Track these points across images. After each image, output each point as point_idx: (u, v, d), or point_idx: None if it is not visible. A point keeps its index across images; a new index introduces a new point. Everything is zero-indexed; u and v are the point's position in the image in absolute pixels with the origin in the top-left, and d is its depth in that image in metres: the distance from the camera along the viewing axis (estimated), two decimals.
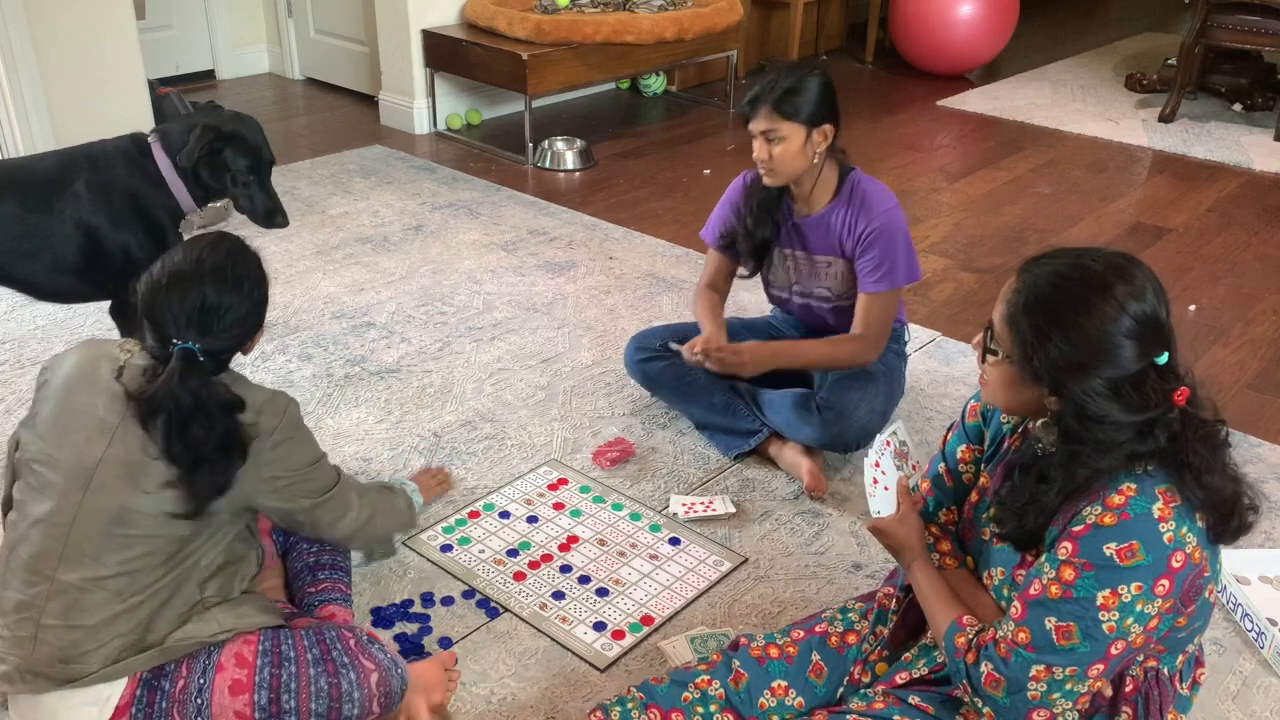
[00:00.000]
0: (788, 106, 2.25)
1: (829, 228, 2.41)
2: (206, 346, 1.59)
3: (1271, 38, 4.93)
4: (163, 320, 1.58)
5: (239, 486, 1.62)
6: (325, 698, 1.63)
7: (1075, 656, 1.33)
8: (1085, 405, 1.32)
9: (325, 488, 1.77)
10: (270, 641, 1.65)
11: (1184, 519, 1.32)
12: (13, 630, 1.58)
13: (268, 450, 1.64)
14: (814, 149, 2.31)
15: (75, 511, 1.56)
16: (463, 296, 3.37)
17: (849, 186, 2.40)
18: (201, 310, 1.58)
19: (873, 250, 2.35)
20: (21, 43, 3.68)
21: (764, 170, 2.35)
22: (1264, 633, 2.02)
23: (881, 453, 1.65)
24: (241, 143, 2.45)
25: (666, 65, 5.16)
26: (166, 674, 1.60)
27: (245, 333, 1.67)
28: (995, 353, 1.41)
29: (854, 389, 2.43)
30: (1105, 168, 4.68)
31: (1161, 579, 1.30)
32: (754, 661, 1.66)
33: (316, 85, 5.61)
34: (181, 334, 1.57)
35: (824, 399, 2.44)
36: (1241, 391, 2.96)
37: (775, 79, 2.27)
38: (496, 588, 2.15)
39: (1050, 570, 1.35)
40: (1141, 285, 1.33)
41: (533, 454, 2.59)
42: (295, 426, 1.70)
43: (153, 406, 1.55)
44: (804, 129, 2.27)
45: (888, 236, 2.35)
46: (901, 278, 2.38)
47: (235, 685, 1.61)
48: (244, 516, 1.73)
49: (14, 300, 3.21)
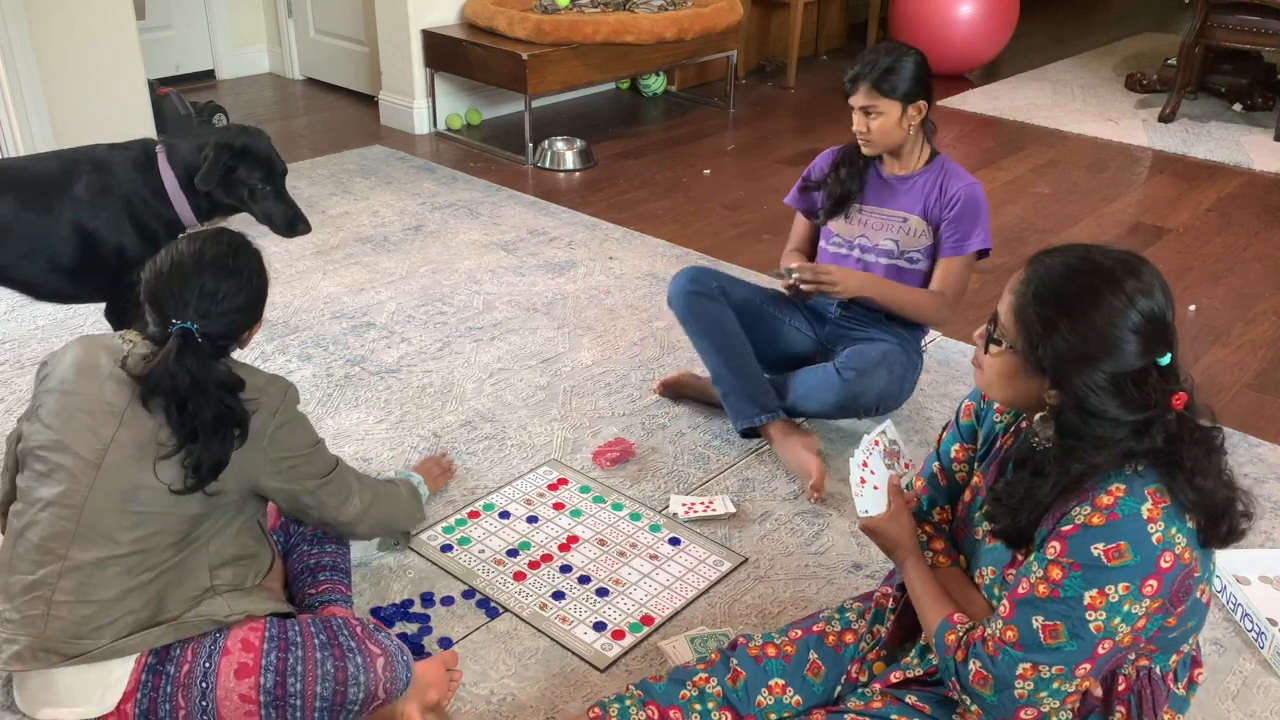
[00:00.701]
0: (886, 85, 2.42)
1: (918, 187, 2.55)
2: (205, 329, 1.64)
3: (1271, 38, 4.93)
4: (165, 303, 1.64)
5: (244, 464, 1.66)
6: (331, 681, 1.64)
7: (1062, 655, 1.34)
8: (1086, 399, 1.33)
9: (327, 469, 1.83)
10: (276, 628, 1.67)
11: (1173, 520, 1.32)
12: (22, 611, 1.60)
13: (271, 430, 1.69)
14: (909, 122, 2.47)
15: (87, 492, 1.59)
16: (463, 296, 3.37)
17: (939, 161, 2.57)
18: (201, 295, 1.64)
19: (957, 212, 2.49)
20: (21, 43, 3.68)
21: (862, 141, 2.52)
22: (1264, 633, 2.02)
23: (869, 452, 1.65)
24: (254, 157, 2.46)
25: (666, 65, 5.16)
26: (172, 658, 1.62)
27: (243, 321, 1.72)
28: (999, 342, 1.41)
29: (874, 352, 2.51)
30: (1105, 168, 4.68)
31: (1149, 579, 1.30)
32: (751, 660, 1.66)
33: (316, 85, 5.61)
34: (181, 315, 1.63)
35: (843, 362, 2.51)
36: (1241, 391, 2.96)
37: (875, 58, 2.44)
38: (496, 588, 2.15)
39: (1038, 569, 1.35)
40: (1150, 283, 1.34)
41: (533, 454, 2.59)
42: (295, 409, 1.76)
43: (151, 384, 1.60)
44: (900, 105, 2.44)
45: (974, 203, 2.49)
46: (976, 243, 2.51)
47: (241, 669, 1.63)
48: (252, 505, 1.77)
49: (14, 300, 3.21)
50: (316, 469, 1.81)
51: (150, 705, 1.63)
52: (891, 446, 1.68)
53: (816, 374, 2.55)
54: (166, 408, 1.60)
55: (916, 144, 2.53)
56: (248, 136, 2.48)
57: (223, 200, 2.47)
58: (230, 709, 1.63)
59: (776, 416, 2.54)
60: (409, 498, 2.14)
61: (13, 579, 1.62)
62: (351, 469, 1.92)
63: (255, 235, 1.87)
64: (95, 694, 1.62)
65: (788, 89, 5.75)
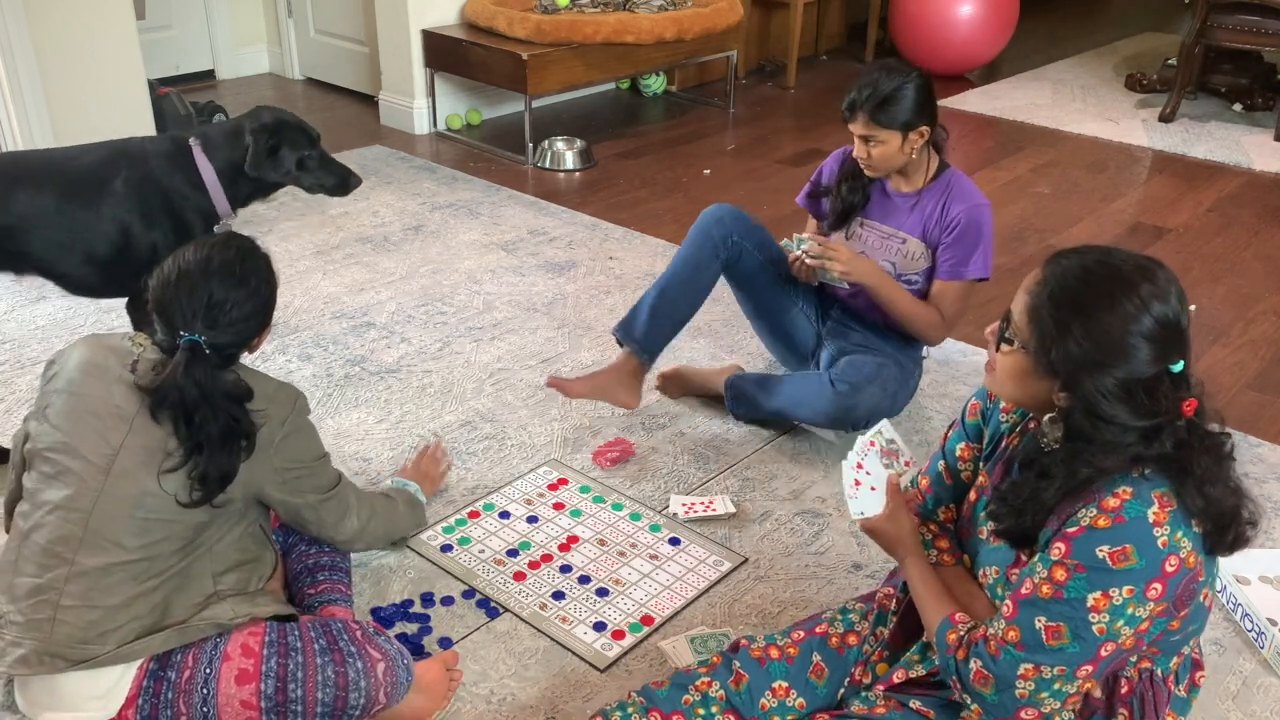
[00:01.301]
0: (883, 115, 2.34)
1: (920, 207, 2.49)
2: (213, 340, 1.63)
3: (1271, 38, 4.93)
4: (172, 314, 1.63)
5: (251, 473, 1.66)
6: (331, 686, 1.64)
7: (1064, 656, 1.33)
8: (1096, 404, 1.32)
9: (329, 484, 1.83)
10: (276, 633, 1.67)
11: (1179, 523, 1.31)
12: (27, 615, 1.59)
13: (278, 440, 1.69)
14: (911, 147, 2.40)
15: (96, 497, 1.59)
16: (463, 296, 3.37)
17: (946, 177, 2.50)
18: (209, 305, 1.63)
19: (955, 237, 2.44)
20: (21, 43, 3.68)
21: (864, 166, 2.46)
22: (1264, 633, 2.02)
23: (864, 453, 1.65)
24: (291, 131, 2.50)
25: (666, 65, 5.16)
26: (173, 664, 1.62)
27: (251, 329, 1.71)
28: (1011, 342, 1.41)
29: (869, 367, 2.49)
30: (1105, 168, 4.68)
31: (1154, 583, 1.30)
32: (754, 663, 1.66)
33: (316, 85, 5.61)
34: (189, 326, 1.62)
35: (838, 374, 2.49)
36: (1241, 391, 2.96)
37: (874, 83, 2.34)
38: (496, 588, 2.15)
39: (1042, 570, 1.35)
40: (1166, 289, 1.33)
41: (533, 454, 2.59)
42: (304, 418, 1.75)
43: (160, 398, 1.60)
44: (899, 134, 2.37)
45: (974, 228, 2.43)
46: (973, 271, 2.46)
47: (241, 675, 1.62)
48: (256, 510, 1.77)
49: (14, 300, 3.21)
50: (319, 483, 1.81)
51: (152, 711, 1.62)
52: (889, 446, 1.68)
53: (810, 382, 2.53)
54: (174, 419, 1.60)
55: (922, 163, 2.48)
56: (275, 113, 2.51)
57: (271, 180, 2.50)
58: (231, 715, 1.63)
59: (638, 354, 2.59)
60: (407, 509, 2.14)
61: (18, 580, 1.62)
62: (352, 485, 1.92)
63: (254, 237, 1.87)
64: (98, 699, 1.61)
65: (788, 89, 5.75)
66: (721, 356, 3.03)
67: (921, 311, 2.50)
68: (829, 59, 6.37)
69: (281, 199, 4.04)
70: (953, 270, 2.46)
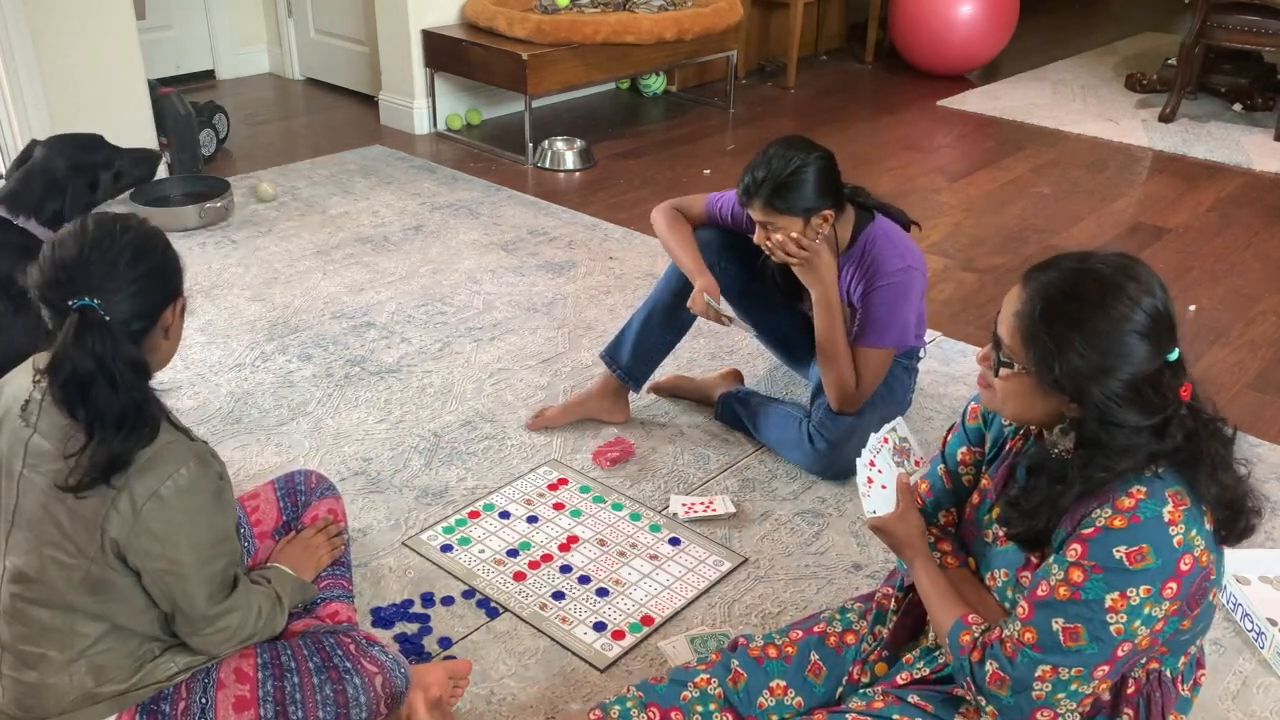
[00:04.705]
0: (781, 203, 2.20)
1: (843, 273, 2.36)
2: (108, 305, 1.40)
3: (1271, 38, 4.93)
4: (55, 296, 1.41)
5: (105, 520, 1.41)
6: (332, 705, 1.61)
7: (1082, 658, 1.33)
8: (1107, 411, 1.32)
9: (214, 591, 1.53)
10: (269, 654, 1.62)
11: (1193, 522, 1.32)
12: None
13: (141, 507, 1.41)
14: (815, 231, 2.25)
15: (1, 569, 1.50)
16: (463, 296, 3.37)
17: (862, 243, 2.33)
18: (95, 268, 1.41)
19: (868, 309, 2.32)
20: (21, 43, 3.67)
21: (766, 251, 2.30)
22: (1264, 633, 2.03)
23: (877, 451, 1.64)
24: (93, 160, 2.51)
25: (666, 65, 5.16)
26: (165, 697, 1.56)
27: (153, 290, 1.46)
28: (1010, 365, 1.39)
29: (847, 419, 2.41)
30: (1105, 168, 4.68)
31: (1170, 582, 1.30)
32: (752, 661, 1.66)
33: (316, 85, 5.61)
34: (77, 295, 1.39)
35: (815, 428, 2.44)
36: (1241, 392, 2.96)
37: (769, 166, 2.19)
38: (496, 588, 2.15)
39: (1059, 572, 1.35)
40: (1149, 281, 1.34)
41: (533, 454, 2.59)
42: (202, 483, 1.46)
43: (52, 374, 1.39)
44: (800, 220, 2.22)
45: (887, 302, 2.30)
46: (888, 341, 2.34)
47: (239, 701, 1.58)
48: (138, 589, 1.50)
49: None
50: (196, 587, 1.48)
51: None
52: (901, 444, 1.66)
53: (791, 428, 2.49)
54: (68, 398, 1.39)
55: (833, 237, 2.31)
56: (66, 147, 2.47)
57: (93, 203, 2.49)
58: None
59: (620, 378, 2.63)
60: (272, 615, 1.66)
61: None
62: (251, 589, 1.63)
63: (254, 236, 1.84)
64: None
65: (788, 89, 5.74)
66: (721, 357, 3.03)
67: (846, 370, 2.34)
68: (829, 59, 6.36)
69: (281, 199, 4.04)
70: (860, 336, 2.34)
